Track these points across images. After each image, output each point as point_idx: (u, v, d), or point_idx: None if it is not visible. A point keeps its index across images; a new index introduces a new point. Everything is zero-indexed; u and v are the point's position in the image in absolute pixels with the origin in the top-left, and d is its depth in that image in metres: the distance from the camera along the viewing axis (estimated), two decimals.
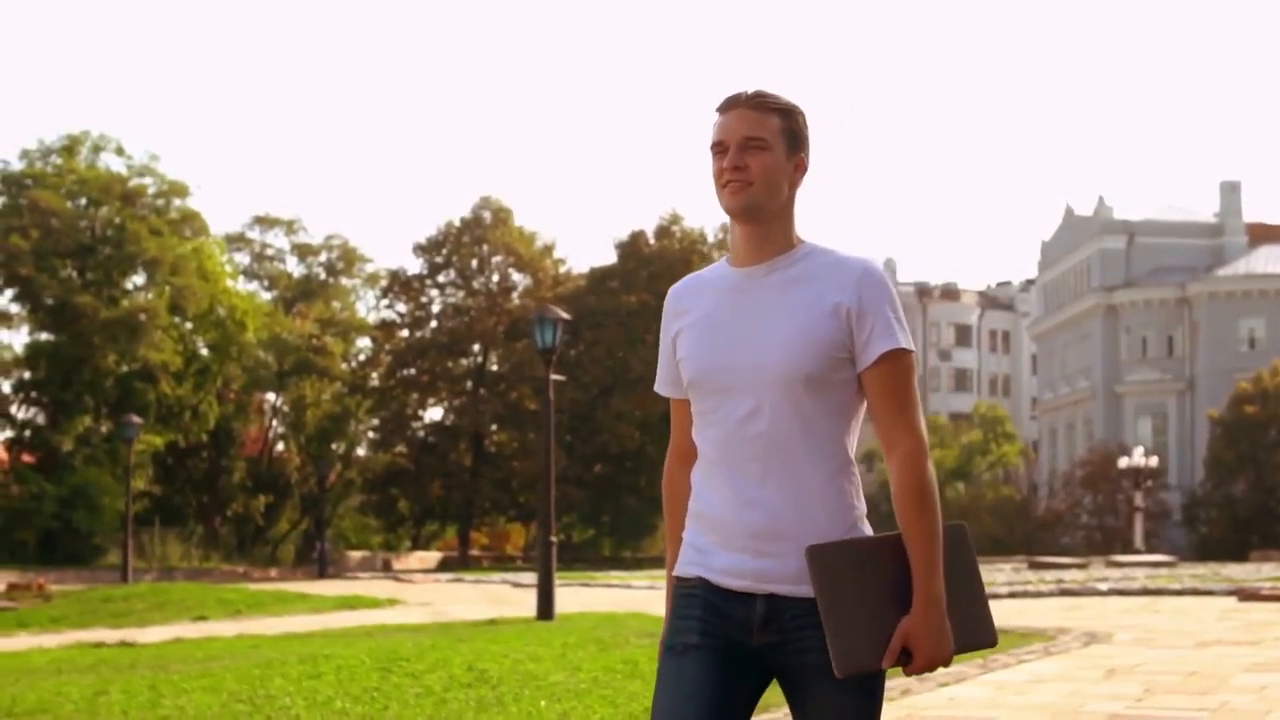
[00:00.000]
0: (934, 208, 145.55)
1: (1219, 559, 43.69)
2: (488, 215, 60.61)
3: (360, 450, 64.44)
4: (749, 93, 2.82)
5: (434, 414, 62.51)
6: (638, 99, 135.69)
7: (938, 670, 2.69)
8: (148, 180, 55.08)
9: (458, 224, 60.62)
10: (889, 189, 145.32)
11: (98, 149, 54.90)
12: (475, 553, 62.06)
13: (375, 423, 63.12)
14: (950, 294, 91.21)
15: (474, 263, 60.80)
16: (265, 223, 63.60)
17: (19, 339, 57.22)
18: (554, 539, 19.24)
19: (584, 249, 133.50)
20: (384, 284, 62.90)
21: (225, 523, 60.27)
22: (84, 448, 50.75)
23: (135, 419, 41.61)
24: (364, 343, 64.98)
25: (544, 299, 56.52)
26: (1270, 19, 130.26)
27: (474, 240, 60.37)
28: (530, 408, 57.56)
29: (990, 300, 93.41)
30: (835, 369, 2.75)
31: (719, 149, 2.81)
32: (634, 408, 55.48)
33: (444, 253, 60.67)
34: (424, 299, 61.41)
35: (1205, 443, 59.49)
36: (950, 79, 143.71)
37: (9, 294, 53.56)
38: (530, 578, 35.78)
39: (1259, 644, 12.08)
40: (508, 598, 27.16)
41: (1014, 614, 16.76)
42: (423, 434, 61.23)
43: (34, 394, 53.50)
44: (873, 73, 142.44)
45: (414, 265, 61.54)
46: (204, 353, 56.84)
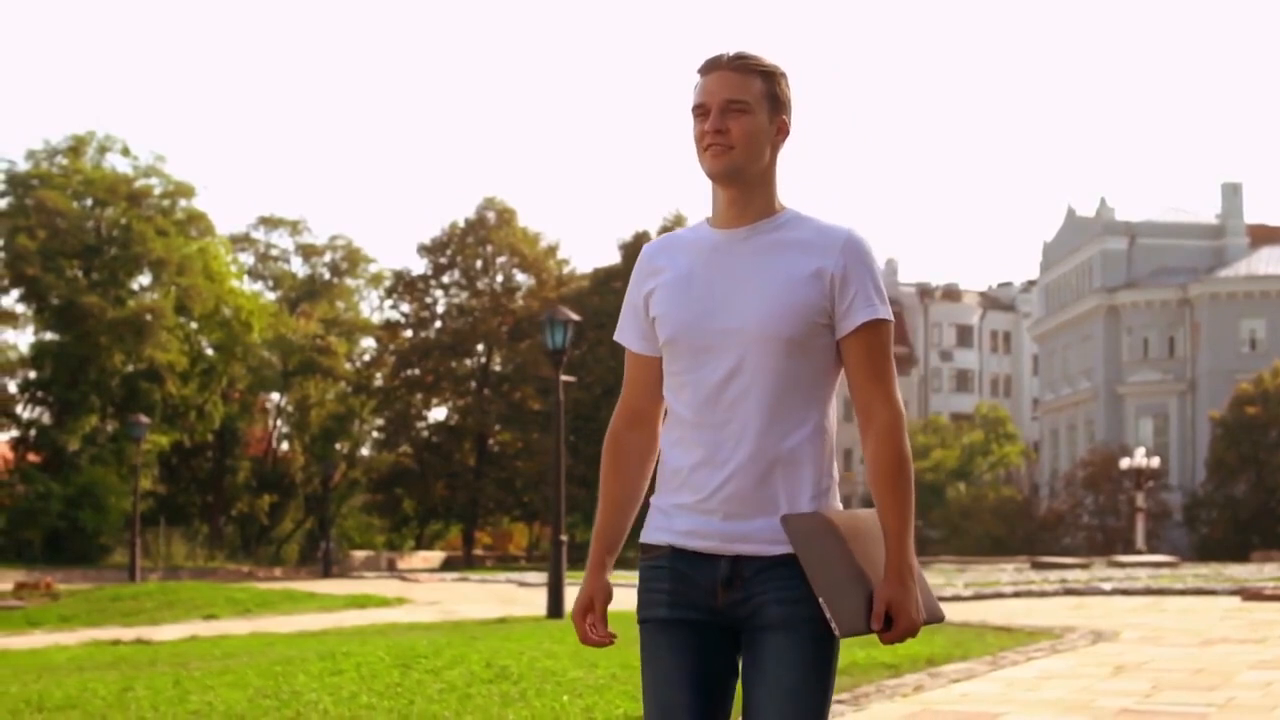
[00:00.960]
0: (936, 208, 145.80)
1: (1220, 559, 43.86)
2: (492, 216, 60.88)
3: (364, 450, 64.68)
4: (730, 54, 2.77)
5: (438, 414, 62.87)
6: (642, 100, 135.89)
7: (907, 641, 2.68)
8: (154, 181, 55.38)
9: (462, 225, 60.94)
10: (891, 189, 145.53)
11: (103, 149, 55.17)
12: (478, 552, 62.28)
13: (379, 423, 63.39)
14: (952, 294, 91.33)
15: (478, 263, 61.08)
16: (270, 223, 63.92)
17: (24, 339, 57.48)
18: (563, 538, 19.40)
19: (588, 249, 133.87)
20: (388, 284, 63.21)
21: (230, 522, 60.51)
22: (90, 447, 50.94)
23: (143, 419, 41.84)
24: (368, 343, 65.27)
25: (548, 299, 56.77)
26: (1271, 20, 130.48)
27: (478, 241, 60.64)
28: (534, 408, 57.74)
29: (991, 301, 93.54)
30: (815, 334, 2.73)
31: (700, 111, 2.76)
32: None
33: (448, 253, 60.95)
34: (428, 299, 61.72)
35: (1206, 443, 59.66)
36: (953, 79, 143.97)
37: (15, 294, 53.83)
38: (535, 577, 36.01)
39: (1263, 642, 12.27)
40: (515, 597, 27.35)
41: (1020, 613, 16.95)
42: (427, 434, 61.49)
43: (40, 394, 53.71)
44: (875, 73, 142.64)
45: (418, 266, 62.01)
46: (209, 353, 57.05)
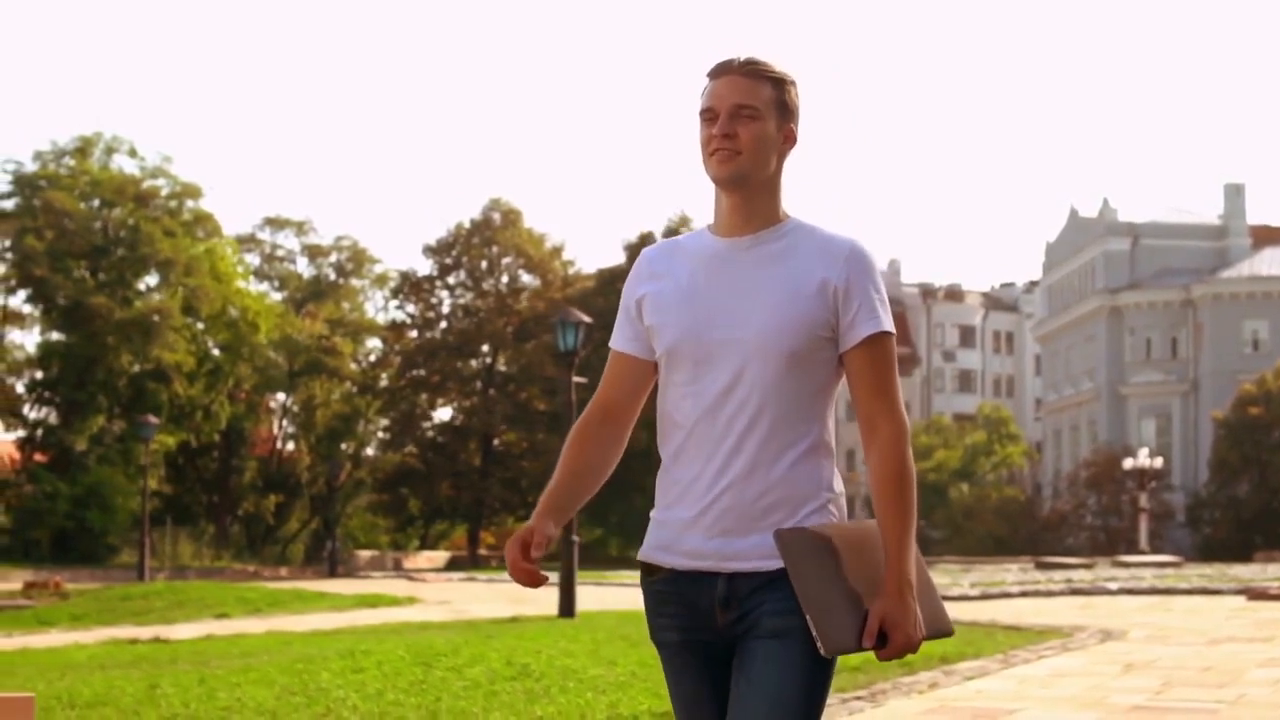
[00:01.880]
0: (938, 209, 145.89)
1: (1223, 559, 44.01)
2: (497, 217, 61.13)
3: (369, 450, 64.89)
4: (741, 59, 2.75)
5: (443, 414, 63.15)
6: (647, 101, 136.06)
7: (906, 657, 2.66)
8: (161, 182, 55.56)
9: (467, 225, 61.21)
10: (894, 189, 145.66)
11: (110, 150, 55.33)
12: (482, 552, 62.46)
13: (384, 423, 63.63)
14: (954, 295, 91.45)
15: (484, 264, 61.35)
16: (276, 224, 64.12)
17: (30, 339, 57.66)
18: (575, 538, 19.57)
19: (593, 250, 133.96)
20: (394, 285, 63.47)
21: (235, 522, 60.70)
22: (97, 447, 51.11)
23: (152, 419, 42.01)
24: (374, 343, 65.45)
25: (553, 300, 56.96)
26: (1274, 21, 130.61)
27: (484, 242, 60.88)
28: (539, 408, 57.93)
29: (994, 301, 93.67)
30: (817, 347, 2.70)
31: (708, 116, 2.74)
32: (641, 408, 55.91)
33: (454, 254, 61.22)
34: (434, 300, 61.98)
35: (1209, 444, 59.86)
36: (955, 80, 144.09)
37: (22, 294, 54.05)
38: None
39: (1271, 641, 12.45)
40: (524, 596, 27.45)
41: (1028, 612, 17.13)
42: (432, 434, 61.74)
43: (47, 394, 53.91)
44: (877, 74, 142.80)
45: (424, 266, 62.29)
46: (216, 353, 57.25)
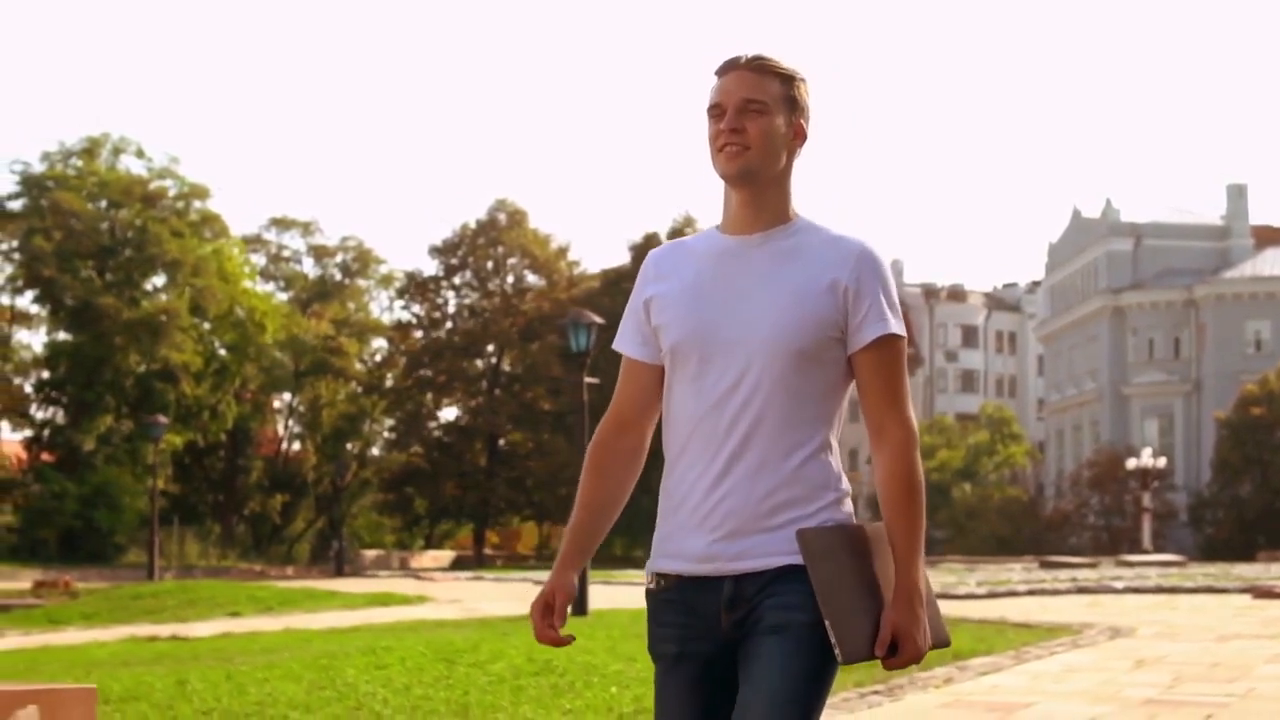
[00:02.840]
0: (941, 209, 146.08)
1: (1225, 559, 44.12)
2: (503, 217, 61.39)
3: (375, 450, 65.11)
4: (749, 55, 2.72)
5: (449, 414, 63.38)
6: (652, 101, 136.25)
7: (910, 668, 2.70)
8: (168, 182, 55.85)
9: (473, 226, 61.47)
10: (897, 190, 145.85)
11: (118, 151, 55.61)
12: (487, 552, 62.67)
13: (390, 423, 63.86)
14: (957, 295, 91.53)
15: (489, 264, 61.61)
16: (282, 224, 64.31)
17: (37, 339, 57.86)
18: None
19: (598, 250, 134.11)
20: (400, 285, 63.74)
21: (241, 521, 60.92)
22: (105, 447, 51.34)
23: (161, 419, 42.22)
24: (379, 343, 65.68)
25: (558, 300, 57.19)
26: (1275, 22, 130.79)
27: (489, 242, 61.14)
28: (545, 408, 58.15)
29: (996, 301, 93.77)
30: (825, 348, 2.66)
31: (716, 112, 2.70)
32: (659, 413, 56.10)
33: (460, 254, 61.50)
34: (439, 300, 62.26)
35: (1212, 444, 60.01)
36: (958, 80, 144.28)
37: (30, 295, 54.27)
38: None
39: (1277, 638, 12.65)
40: (533, 595, 27.47)
41: (1036, 610, 17.32)
42: (438, 434, 61.99)
43: (54, 393, 54.13)
44: (880, 74, 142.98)
45: (430, 267, 62.58)
46: (222, 353, 57.47)
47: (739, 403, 2.65)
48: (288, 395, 63.09)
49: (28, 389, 55.13)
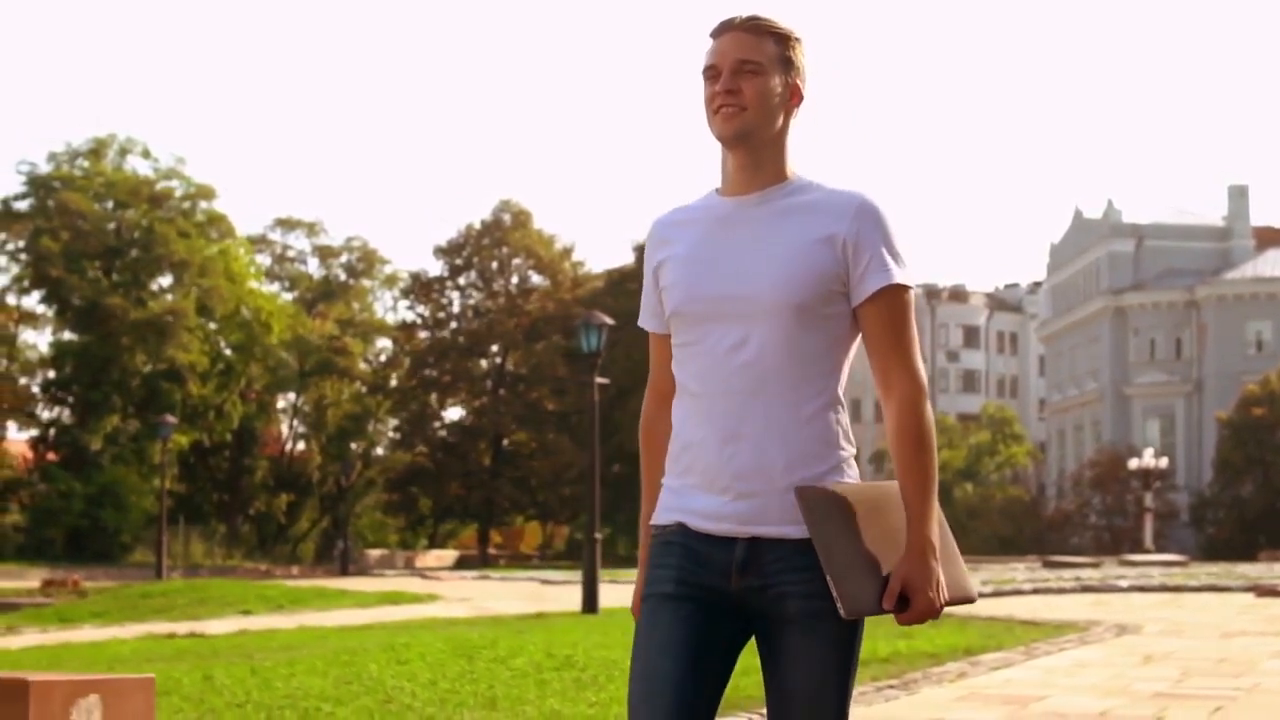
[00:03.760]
0: (943, 209, 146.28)
1: (1226, 559, 44.27)
2: (508, 218, 61.68)
3: (379, 450, 65.32)
4: (744, 16, 2.70)
5: (454, 414, 63.65)
6: (656, 102, 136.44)
7: (927, 622, 2.54)
8: (174, 183, 56.06)
9: (478, 227, 61.76)
10: (898, 190, 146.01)
11: (124, 152, 55.83)
12: (491, 551, 62.90)
13: (394, 423, 64.12)
14: (958, 295, 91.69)
15: (494, 265, 61.94)
16: (287, 225, 64.56)
17: (43, 339, 58.07)
18: (598, 535, 19.82)
19: (602, 250, 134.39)
20: (404, 286, 64.04)
21: (247, 521, 61.12)
22: (112, 447, 51.56)
23: (170, 419, 42.43)
24: (384, 343, 65.93)
25: (563, 301, 57.43)
26: (1277, 23, 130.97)
27: (494, 243, 61.45)
28: (549, 408, 58.40)
29: (998, 302, 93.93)
30: (828, 301, 2.62)
31: (711, 73, 2.68)
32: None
33: (464, 255, 61.82)
34: (444, 301, 62.55)
35: (1213, 444, 60.19)
36: (960, 81, 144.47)
37: (36, 295, 54.48)
38: (556, 575, 36.62)
39: None
40: (542, 594, 27.79)
41: (1042, 608, 17.55)
42: (443, 434, 62.24)
43: (60, 393, 54.34)
44: (882, 74, 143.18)
45: (434, 267, 62.93)
46: (228, 353, 57.69)
47: (743, 362, 2.62)
48: (292, 395, 63.32)
49: (34, 389, 55.31)
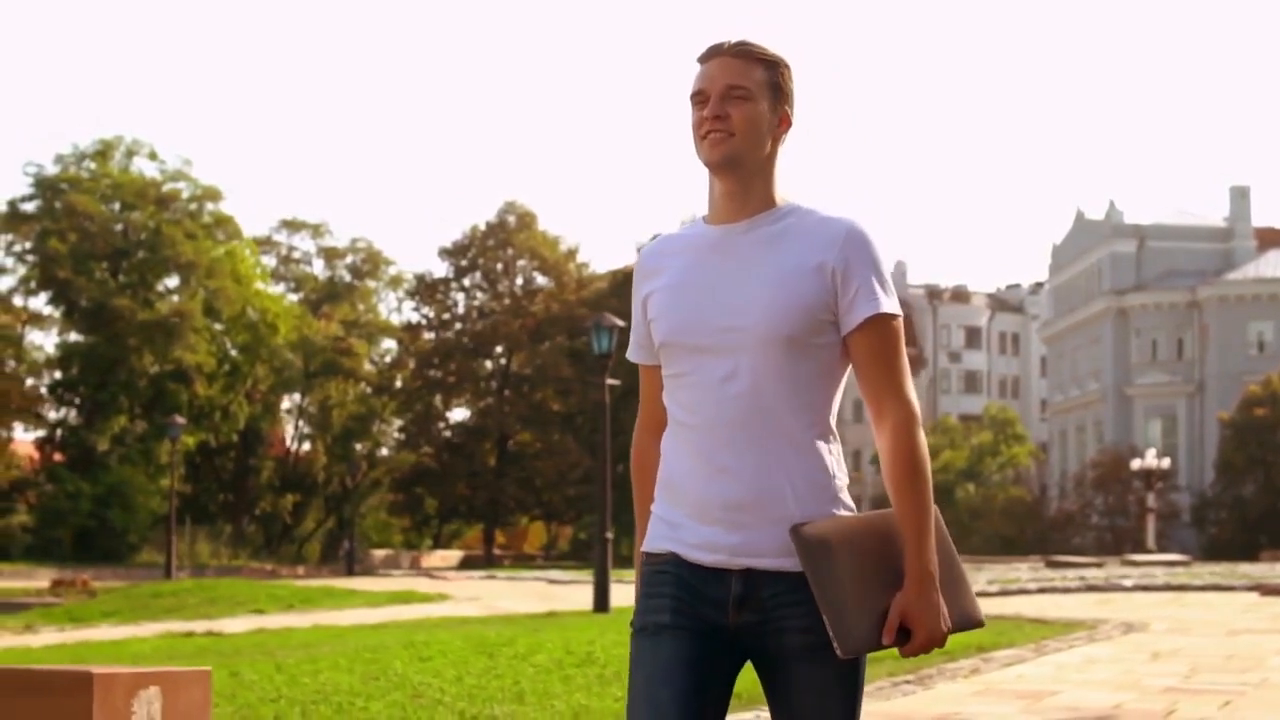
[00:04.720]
0: (945, 210, 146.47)
1: (1228, 559, 44.45)
2: (512, 219, 61.94)
3: (383, 450, 65.53)
4: (732, 41, 2.68)
5: (459, 415, 63.90)
6: (659, 103, 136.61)
7: (933, 652, 2.56)
8: (181, 185, 56.29)
9: (483, 228, 62.02)
10: (900, 191, 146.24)
11: (131, 154, 56.05)
12: (495, 551, 63.13)
13: (399, 423, 64.36)
14: (960, 296, 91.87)
15: (499, 266, 62.20)
16: (292, 226, 64.79)
17: (49, 340, 58.28)
18: (609, 535, 19.99)
19: (606, 251, 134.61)
20: (409, 287, 64.30)
21: (253, 521, 61.32)
22: (119, 447, 51.76)
23: (179, 419, 42.63)
24: (389, 344, 66.11)
25: (567, 302, 57.67)
26: (1279, 24, 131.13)
27: (499, 244, 61.72)
28: (554, 409, 58.63)
29: (1000, 303, 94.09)
30: (818, 331, 2.59)
31: (699, 99, 2.65)
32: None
33: (469, 256, 62.08)
34: (449, 302, 62.80)
35: (1215, 445, 60.37)
36: (962, 81, 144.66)
37: (44, 296, 54.69)
38: (563, 574, 36.90)
39: None
40: (550, 593, 28.01)
41: (1049, 607, 17.78)
42: (448, 434, 62.50)
43: (67, 394, 54.54)
44: (884, 74, 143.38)
45: (439, 269, 63.22)
46: (234, 354, 57.90)
47: (734, 393, 2.58)
48: (298, 396, 63.52)
49: (41, 390, 55.50)
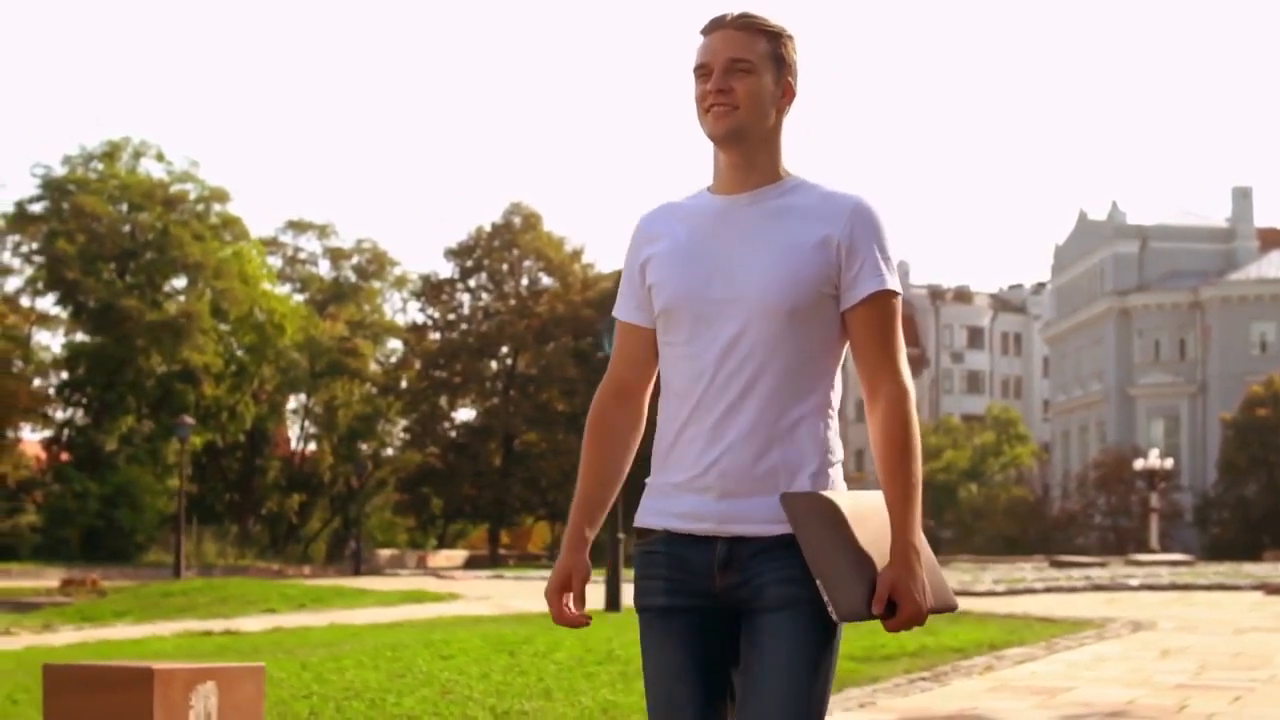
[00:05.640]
0: (947, 210, 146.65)
1: (1231, 559, 44.64)
2: (518, 220, 62.14)
3: (389, 450, 65.71)
4: (734, 13, 2.68)
5: (464, 415, 64.11)
6: (665, 103, 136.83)
7: (914, 629, 2.58)
8: (188, 186, 56.43)
9: (488, 229, 62.24)
10: (902, 191, 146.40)
11: (138, 155, 56.17)
12: (500, 551, 63.28)
13: (404, 423, 64.56)
14: (963, 296, 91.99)
15: (504, 267, 62.39)
16: (298, 227, 64.91)
17: (58, 341, 58.48)
18: (621, 535, 20.13)
19: (610, 251, 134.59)
20: (414, 287, 64.51)
21: (259, 521, 61.51)
22: (127, 447, 51.96)
23: (188, 419, 42.81)
24: (394, 345, 66.28)
25: (572, 303, 57.91)
26: None
27: (504, 245, 61.92)
28: (559, 409, 58.80)
29: (1002, 303, 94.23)
30: (819, 305, 2.61)
31: (702, 72, 2.66)
32: (656, 409, 56.75)
33: (475, 257, 62.31)
34: (455, 303, 63.02)
35: (1217, 445, 60.54)
36: (964, 82, 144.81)
37: (51, 297, 54.89)
38: None
39: None
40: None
41: (1056, 606, 17.97)
42: (454, 434, 62.72)
43: (74, 394, 54.75)
44: (885, 74, 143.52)
45: (444, 269, 63.43)
46: (241, 355, 58.08)
47: (734, 364, 2.61)
48: (304, 396, 63.69)
49: (49, 390, 55.68)
